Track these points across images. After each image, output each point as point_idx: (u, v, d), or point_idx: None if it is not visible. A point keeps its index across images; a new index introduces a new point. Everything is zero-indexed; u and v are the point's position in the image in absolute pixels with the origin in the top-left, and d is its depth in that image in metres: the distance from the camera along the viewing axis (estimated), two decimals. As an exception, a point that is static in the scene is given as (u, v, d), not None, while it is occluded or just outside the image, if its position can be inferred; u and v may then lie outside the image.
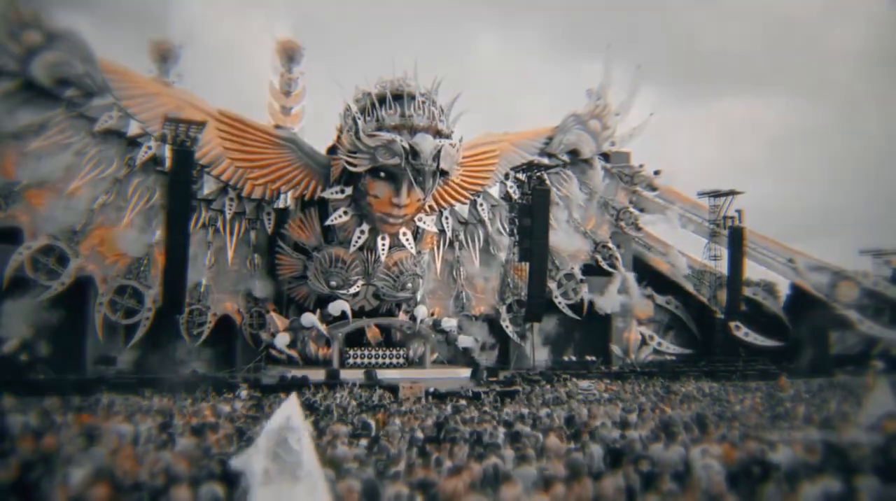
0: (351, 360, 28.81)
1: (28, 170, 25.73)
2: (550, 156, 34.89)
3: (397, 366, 28.99)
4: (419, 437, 11.11)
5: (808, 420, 13.06)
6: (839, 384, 25.86)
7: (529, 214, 31.71)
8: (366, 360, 28.97)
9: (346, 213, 29.07)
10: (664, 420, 12.11)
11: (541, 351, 33.45)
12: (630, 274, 35.50)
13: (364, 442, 10.19)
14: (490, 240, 34.04)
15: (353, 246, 29.17)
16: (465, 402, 18.83)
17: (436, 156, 26.92)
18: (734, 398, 20.11)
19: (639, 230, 36.95)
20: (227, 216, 29.45)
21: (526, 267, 32.07)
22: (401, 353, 29.97)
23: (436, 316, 31.72)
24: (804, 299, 37.04)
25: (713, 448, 8.37)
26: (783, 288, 39.61)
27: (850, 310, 36.00)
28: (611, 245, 36.04)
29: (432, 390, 22.57)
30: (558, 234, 33.86)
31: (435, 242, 32.69)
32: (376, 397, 20.41)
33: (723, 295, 36.05)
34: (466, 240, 33.69)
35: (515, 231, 32.74)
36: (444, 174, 27.96)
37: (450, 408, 16.53)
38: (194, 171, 26.78)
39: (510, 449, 8.78)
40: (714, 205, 36.69)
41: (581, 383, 25.90)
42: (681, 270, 37.40)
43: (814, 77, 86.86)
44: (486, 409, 16.43)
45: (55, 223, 26.13)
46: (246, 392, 22.04)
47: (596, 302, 34.71)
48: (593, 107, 35.91)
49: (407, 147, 26.70)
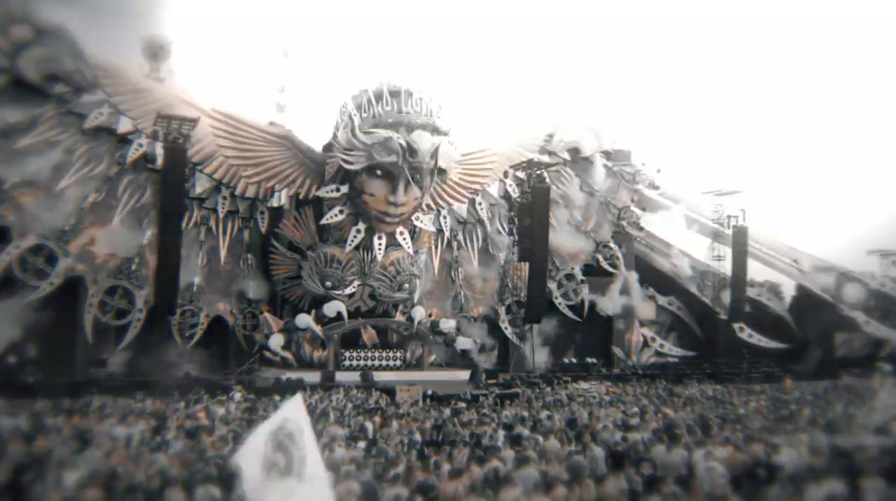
0: (347, 362, 28.51)
1: (16, 167, 25.49)
2: (550, 153, 34.53)
3: (394, 368, 28.72)
4: (417, 440, 11.22)
5: (813, 422, 12.93)
6: (845, 386, 25.50)
7: (529, 213, 31.33)
8: (362, 362, 28.68)
9: (341, 212, 28.88)
10: (667, 423, 12.23)
11: (541, 353, 33.04)
12: (632, 275, 35.09)
13: (362, 445, 10.25)
14: (489, 240, 33.74)
15: (349, 245, 28.94)
16: (463, 405, 18.54)
17: (433, 154, 27.02)
18: (738, 400, 19.83)
19: (640, 230, 36.55)
20: (220, 215, 29.15)
21: (525, 267, 31.71)
22: (398, 355, 29.67)
23: (434, 318, 31.45)
24: (809, 300, 36.67)
25: (717, 451, 8.43)
26: (788, 289, 39.21)
27: (856, 312, 35.62)
28: (612, 245, 35.62)
29: (430, 393, 22.20)
30: (559, 234, 33.53)
31: (433, 242, 32.45)
32: (373, 400, 20.13)
33: (726, 296, 35.74)
34: (465, 240, 33.39)
35: (515, 230, 32.39)
36: (441, 172, 27.97)
37: (448, 411, 16.34)
38: (187, 169, 26.42)
39: (510, 452, 8.82)
40: (717, 205, 36.27)
41: (581, 385, 25.58)
42: (683, 271, 37.03)
43: (816, 76, 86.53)
44: (486, 412, 16.26)
45: (44, 222, 25.77)
46: (240, 394, 21.70)
47: (598, 303, 34.39)
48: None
49: (404, 144, 26.65)
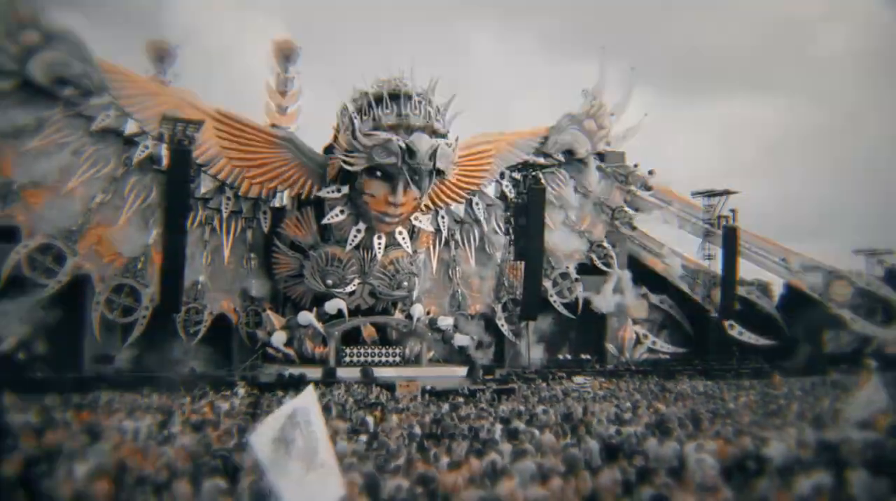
0: (347, 358, 28.88)
1: (25, 169, 25.81)
2: (546, 155, 35.01)
3: (393, 365, 29.07)
4: (417, 433, 11.13)
5: (801, 417, 13.02)
6: (832, 382, 25.96)
7: (525, 213, 31.84)
8: (362, 358, 29.03)
9: (342, 212, 29.20)
10: (659, 418, 12.24)
11: (536, 350, 33.53)
12: (625, 273, 35.62)
13: (363, 439, 10.21)
14: (486, 239, 34.15)
15: (350, 244, 29.29)
16: (462, 400, 18.84)
17: (432, 156, 27.11)
18: (728, 396, 20.11)
19: (633, 229, 37.12)
20: (224, 215, 29.53)
21: (521, 266, 32.22)
22: (397, 352, 30.03)
23: (432, 315, 31.83)
24: (798, 298, 37.20)
25: (707, 444, 8.41)
26: (777, 288, 39.83)
27: (843, 310, 36.14)
28: (606, 244, 36.21)
29: (429, 388, 22.60)
30: (554, 234, 34.01)
31: (431, 241, 32.78)
32: (373, 395, 20.39)
33: (717, 295, 36.16)
34: (462, 239, 33.80)
35: (511, 230, 32.89)
36: (440, 173, 28.12)
37: (447, 406, 16.56)
38: (191, 170, 26.86)
39: (508, 445, 8.77)
40: (708, 205, 36.77)
41: (576, 379, 26.05)
42: (675, 270, 37.57)
43: (809, 77, 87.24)
44: (483, 406, 16.45)
45: (52, 222, 26.18)
46: (243, 389, 22.05)
47: (594, 301, 34.86)
48: (589, 107, 36.03)
49: (403, 146, 26.85)
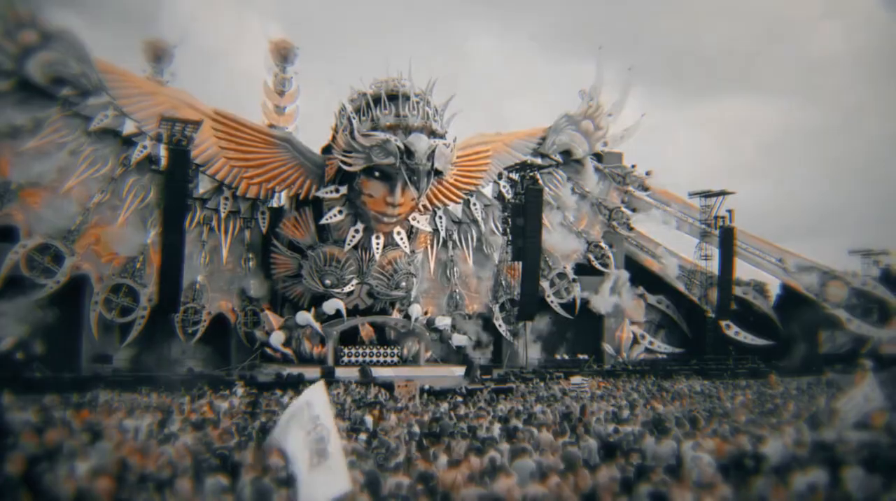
0: (345, 358, 28.99)
1: (23, 169, 25.80)
2: (543, 156, 35.14)
3: (391, 365, 29.16)
4: (416, 432, 11.19)
5: (797, 416, 13.05)
6: (828, 382, 26.12)
7: (522, 214, 31.92)
8: (360, 358, 29.12)
9: (340, 212, 29.26)
10: (656, 416, 12.33)
11: (533, 350, 33.65)
12: (623, 274, 35.76)
13: (363, 437, 10.30)
14: (483, 240, 34.27)
15: (348, 245, 29.35)
16: (460, 399, 18.90)
17: (430, 156, 27.16)
18: (725, 395, 20.26)
19: (631, 230, 37.24)
20: (222, 215, 29.60)
21: (519, 266, 32.30)
22: (395, 351, 30.16)
23: (430, 315, 31.95)
24: (794, 298, 37.41)
25: (705, 442, 8.48)
26: (773, 288, 40.01)
27: (839, 310, 36.40)
28: (603, 244, 36.34)
29: (427, 388, 22.67)
30: (551, 234, 34.12)
31: (429, 241, 32.86)
32: (372, 395, 20.45)
33: (713, 295, 36.36)
34: (460, 240, 33.90)
35: (508, 230, 32.97)
36: (438, 174, 28.17)
37: (446, 405, 16.63)
38: (189, 170, 26.88)
39: (506, 444, 8.80)
40: (705, 206, 36.94)
41: (573, 379, 26.13)
42: (672, 270, 37.70)
43: (807, 77, 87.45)
44: (482, 406, 16.50)
45: (50, 222, 26.17)
46: (242, 389, 22.07)
47: (592, 302, 35.03)
48: (586, 108, 36.21)
49: (401, 147, 26.91)
